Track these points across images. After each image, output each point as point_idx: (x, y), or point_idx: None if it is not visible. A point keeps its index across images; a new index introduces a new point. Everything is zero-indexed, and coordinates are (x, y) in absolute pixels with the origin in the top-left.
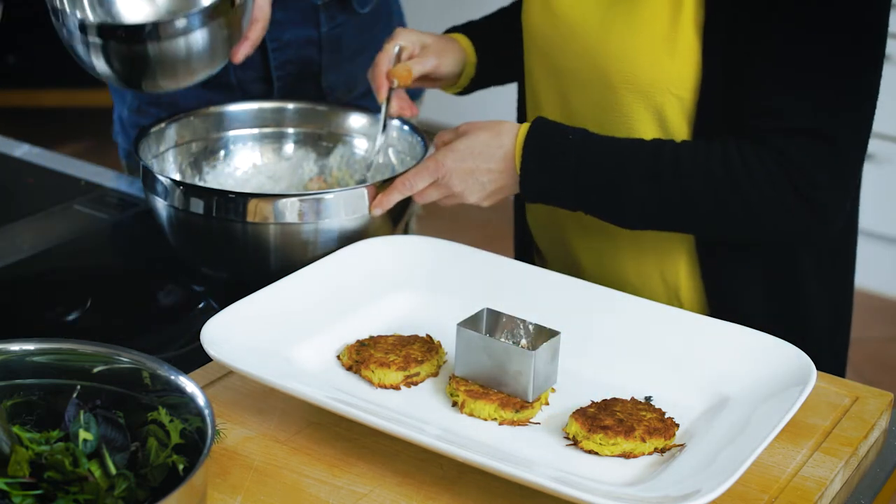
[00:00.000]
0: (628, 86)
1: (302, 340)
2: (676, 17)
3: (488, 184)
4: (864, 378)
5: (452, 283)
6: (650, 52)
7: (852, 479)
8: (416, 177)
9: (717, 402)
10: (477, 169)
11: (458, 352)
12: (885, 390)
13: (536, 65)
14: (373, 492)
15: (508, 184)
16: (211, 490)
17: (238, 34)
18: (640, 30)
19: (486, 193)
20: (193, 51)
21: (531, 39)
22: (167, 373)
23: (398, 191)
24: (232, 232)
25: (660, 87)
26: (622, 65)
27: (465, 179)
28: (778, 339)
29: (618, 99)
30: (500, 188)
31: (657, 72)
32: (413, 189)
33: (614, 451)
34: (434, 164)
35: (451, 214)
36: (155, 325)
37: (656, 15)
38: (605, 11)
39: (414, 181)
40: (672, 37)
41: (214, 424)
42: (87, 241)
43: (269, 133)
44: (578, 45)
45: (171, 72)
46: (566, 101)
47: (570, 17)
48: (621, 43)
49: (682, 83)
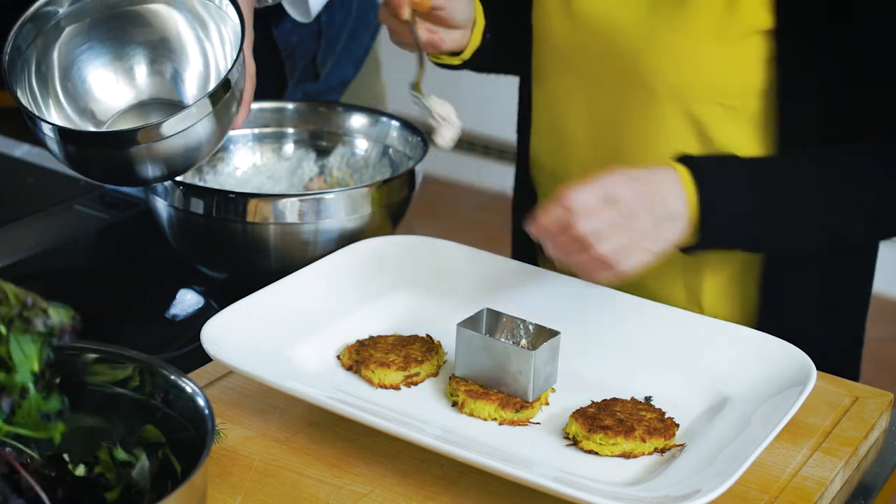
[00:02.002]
0: (671, 94)
1: (302, 340)
2: (731, 21)
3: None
4: (864, 378)
5: (452, 283)
6: (699, 60)
7: (852, 479)
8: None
9: (717, 402)
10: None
11: (458, 352)
12: (885, 390)
13: (555, 69)
14: (373, 492)
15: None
16: (211, 490)
17: (236, 103)
18: (689, 36)
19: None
20: (193, 143)
21: (549, 43)
22: (167, 373)
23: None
24: (232, 232)
25: (706, 95)
26: (666, 72)
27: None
28: (778, 339)
29: (657, 106)
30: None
31: (706, 80)
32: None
33: (614, 451)
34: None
35: (451, 214)
36: (155, 325)
37: (707, 19)
38: (647, 15)
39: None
40: (726, 43)
41: (214, 424)
42: (87, 241)
43: (269, 133)
44: (612, 50)
45: (167, 168)
46: (594, 108)
47: (602, 21)
48: (666, 49)
49: (734, 91)
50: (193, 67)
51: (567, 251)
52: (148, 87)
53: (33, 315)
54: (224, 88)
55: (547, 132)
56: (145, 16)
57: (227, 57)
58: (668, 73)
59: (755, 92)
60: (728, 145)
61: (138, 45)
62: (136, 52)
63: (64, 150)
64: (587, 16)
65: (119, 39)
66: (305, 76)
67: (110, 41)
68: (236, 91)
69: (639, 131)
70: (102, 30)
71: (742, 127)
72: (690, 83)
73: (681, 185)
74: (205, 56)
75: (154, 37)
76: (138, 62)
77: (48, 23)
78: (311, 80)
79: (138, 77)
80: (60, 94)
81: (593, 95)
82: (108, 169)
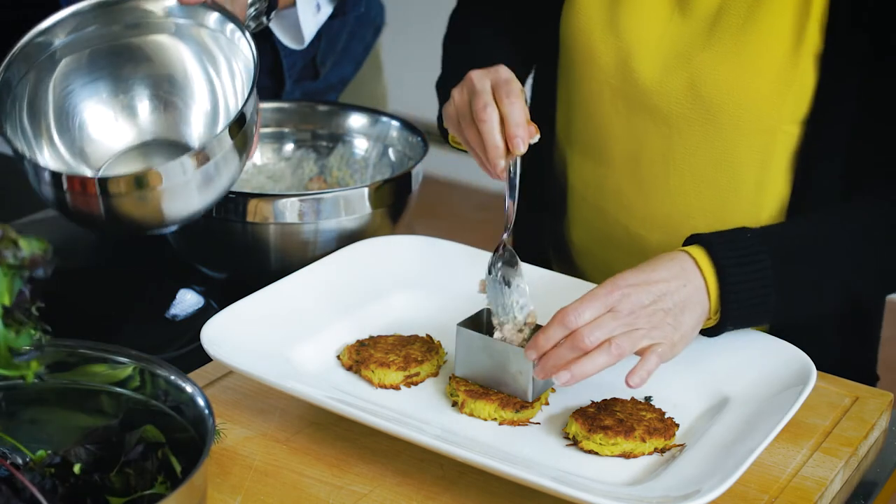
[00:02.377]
0: (736, 121)
1: (302, 340)
2: (798, 43)
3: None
4: (871, 380)
5: (452, 283)
6: (767, 84)
7: (852, 479)
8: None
9: (717, 402)
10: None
11: (458, 352)
12: (885, 390)
13: (592, 82)
14: (373, 492)
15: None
16: (211, 490)
17: (252, 138)
18: (755, 60)
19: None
20: (205, 187)
21: (586, 56)
22: (167, 373)
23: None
24: (232, 232)
25: (773, 121)
26: (730, 98)
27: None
28: (778, 339)
29: (720, 136)
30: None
31: (772, 104)
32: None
33: (614, 451)
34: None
35: (451, 214)
36: (155, 325)
37: (774, 42)
38: (705, 41)
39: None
40: (792, 65)
41: (214, 424)
42: (87, 241)
43: (269, 133)
44: (667, 77)
45: (166, 217)
46: (639, 137)
47: (652, 45)
48: (730, 75)
49: (787, 117)
50: (200, 105)
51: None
52: (151, 126)
53: (3, 247)
54: (238, 125)
55: (580, 135)
56: (150, 48)
57: (238, 94)
58: (736, 102)
59: (799, 119)
60: (760, 176)
61: (141, 79)
62: (138, 87)
63: (56, 196)
64: (634, 39)
65: (120, 74)
66: (305, 75)
67: (110, 76)
68: (249, 132)
69: (699, 163)
70: (102, 63)
71: (775, 156)
72: (761, 112)
73: (697, 272)
74: (213, 93)
75: (159, 71)
76: (140, 99)
77: (42, 55)
78: (310, 78)
79: (140, 115)
80: (55, 134)
81: (639, 124)
82: (107, 218)
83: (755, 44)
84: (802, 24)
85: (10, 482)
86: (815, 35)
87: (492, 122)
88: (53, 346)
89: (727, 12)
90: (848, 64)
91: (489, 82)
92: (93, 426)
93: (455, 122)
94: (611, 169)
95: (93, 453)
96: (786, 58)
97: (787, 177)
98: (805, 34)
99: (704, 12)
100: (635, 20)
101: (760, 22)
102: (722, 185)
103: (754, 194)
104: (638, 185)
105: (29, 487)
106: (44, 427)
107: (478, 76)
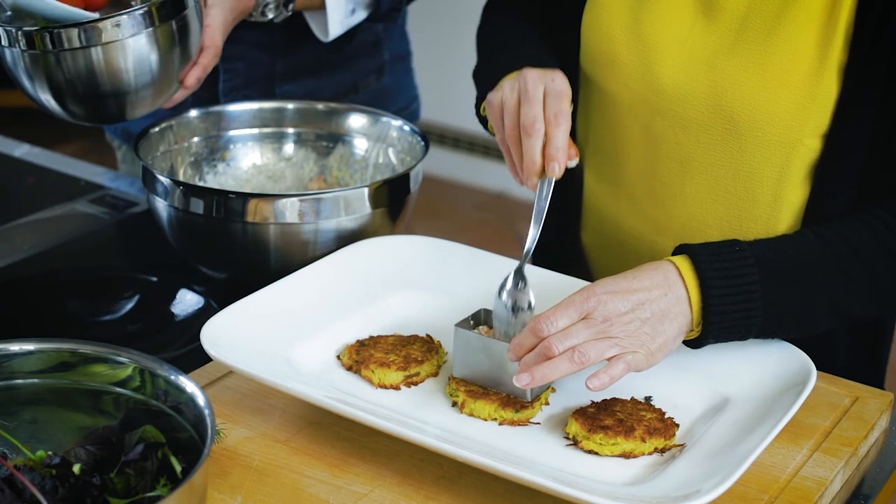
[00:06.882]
0: (757, 133)
1: (302, 340)
2: (823, 54)
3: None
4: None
5: (452, 283)
6: (790, 96)
7: (852, 479)
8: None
9: (717, 402)
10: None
11: (457, 352)
12: (885, 390)
13: (616, 95)
14: (373, 492)
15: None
16: (211, 490)
17: (186, 56)
18: (779, 71)
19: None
20: (135, 60)
21: (606, 59)
22: (167, 373)
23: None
24: (232, 232)
25: (796, 134)
26: (752, 109)
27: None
28: (778, 339)
29: (739, 146)
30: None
31: (795, 117)
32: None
33: (614, 451)
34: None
35: (451, 214)
36: (155, 326)
37: (799, 53)
38: (729, 49)
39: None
40: (817, 77)
41: (214, 424)
42: (87, 241)
43: (269, 133)
44: (689, 83)
45: (117, 87)
46: (656, 143)
47: (674, 50)
48: (754, 86)
49: (816, 130)
50: None
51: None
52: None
53: None
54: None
55: (596, 138)
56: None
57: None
58: (759, 113)
59: (821, 133)
60: (777, 188)
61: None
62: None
63: (23, 63)
64: (657, 44)
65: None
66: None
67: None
68: (191, 25)
69: (715, 172)
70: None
71: (794, 168)
72: (784, 124)
73: (680, 283)
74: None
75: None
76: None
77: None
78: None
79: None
80: None
81: (657, 132)
82: (64, 83)
83: (780, 54)
84: (828, 35)
85: (11, 482)
86: (840, 47)
87: (537, 137)
88: (54, 346)
89: (752, 20)
90: (871, 78)
91: (542, 90)
92: (93, 426)
93: (498, 115)
94: (626, 174)
95: (93, 453)
96: (811, 69)
97: (804, 189)
98: (831, 45)
99: (729, 19)
100: (659, 23)
101: (786, 31)
102: (739, 195)
103: (771, 205)
104: (653, 191)
105: (29, 487)
106: (44, 427)
107: (533, 80)
